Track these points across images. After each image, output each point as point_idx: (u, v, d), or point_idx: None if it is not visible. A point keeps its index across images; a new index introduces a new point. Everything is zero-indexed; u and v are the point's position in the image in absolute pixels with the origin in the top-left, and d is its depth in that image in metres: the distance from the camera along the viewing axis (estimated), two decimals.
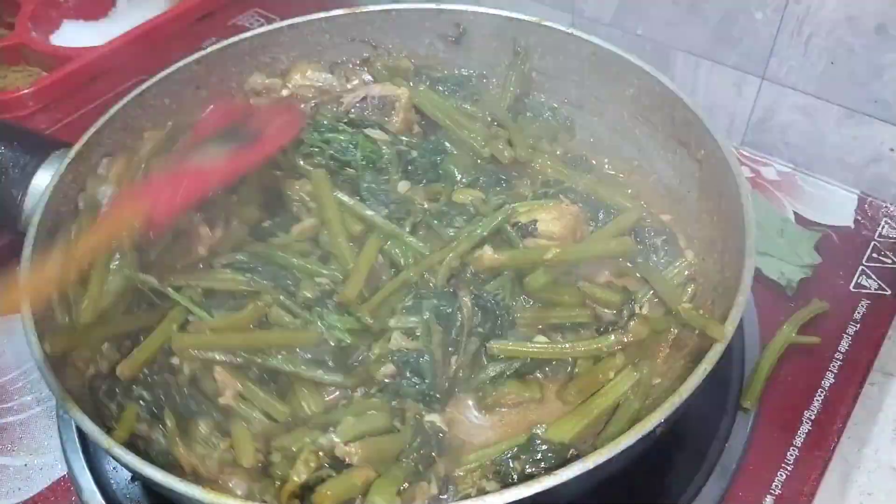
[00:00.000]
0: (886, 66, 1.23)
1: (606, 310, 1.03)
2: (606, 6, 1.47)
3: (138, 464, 0.77)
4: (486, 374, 0.97)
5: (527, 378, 0.99)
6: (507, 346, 0.97)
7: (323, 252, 1.06)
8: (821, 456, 1.03)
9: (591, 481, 0.78)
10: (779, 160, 1.42)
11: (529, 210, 1.07)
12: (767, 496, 0.99)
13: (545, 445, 0.88)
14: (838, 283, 1.21)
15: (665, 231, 1.10)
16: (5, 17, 1.72)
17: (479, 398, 0.97)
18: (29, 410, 1.11)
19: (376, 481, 0.83)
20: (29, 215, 1.03)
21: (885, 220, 1.31)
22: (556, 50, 1.24)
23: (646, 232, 1.10)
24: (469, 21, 1.26)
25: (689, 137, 1.11)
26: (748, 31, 1.33)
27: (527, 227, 1.05)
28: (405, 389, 0.93)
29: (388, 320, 0.97)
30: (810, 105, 1.34)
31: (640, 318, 0.97)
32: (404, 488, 0.84)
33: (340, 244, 1.03)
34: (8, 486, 1.03)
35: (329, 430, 0.87)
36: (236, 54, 1.24)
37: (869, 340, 1.14)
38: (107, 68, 1.58)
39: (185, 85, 1.19)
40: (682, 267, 1.06)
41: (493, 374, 0.97)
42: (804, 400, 1.08)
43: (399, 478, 0.85)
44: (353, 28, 1.29)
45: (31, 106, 1.52)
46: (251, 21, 1.75)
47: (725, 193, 1.02)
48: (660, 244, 1.08)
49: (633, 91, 1.18)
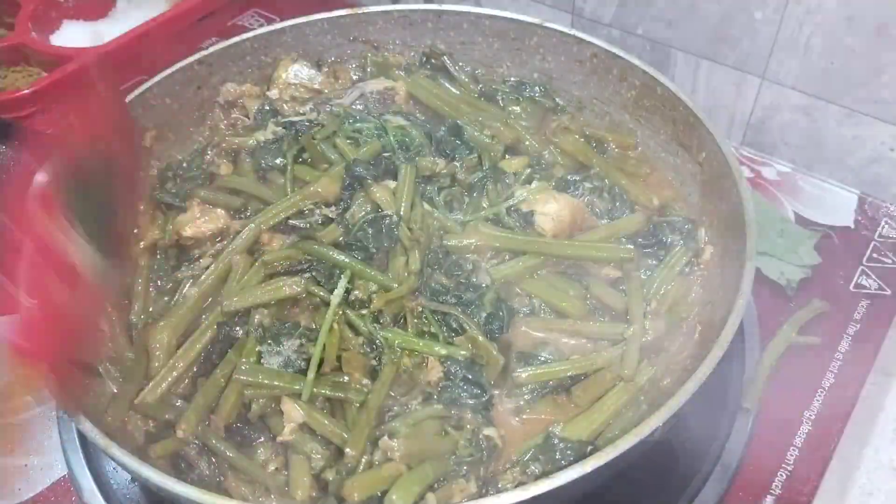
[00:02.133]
0: (886, 66, 1.23)
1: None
2: (606, 6, 1.47)
3: (136, 465, 0.78)
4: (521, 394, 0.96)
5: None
6: (533, 371, 0.95)
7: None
8: (821, 456, 1.03)
9: (591, 483, 0.78)
10: (779, 160, 1.42)
11: (530, 198, 1.06)
12: (767, 496, 0.99)
13: (563, 444, 0.87)
14: (838, 283, 1.21)
15: (685, 226, 1.08)
16: (5, 17, 1.72)
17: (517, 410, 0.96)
18: (29, 410, 1.11)
19: (400, 479, 0.82)
20: None
21: (885, 220, 1.31)
22: (557, 51, 1.24)
23: (667, 225, 1.08)
24: (470, 22, 1.27)
25: (690, 140, 1.11)
26: (748, 30, 1.33)
27: (526, 215, 1.05)
28: (462, 400, 0.91)
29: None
30: (810, 105, 1.34)
31: (654, 314, 0.97)
32: (439, 485, 0.83)
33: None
34: (8, 487, 1.03)
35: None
36: (237, 54, 1.24)
37: (869, 340, 1.14)
38: (107, 68, 1.58)
39: (185, 85, 1.20)
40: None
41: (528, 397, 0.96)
42: (804, 400, 1.08)
43: (428, 475, 0.83)
44: (355, 28, 1.29)
45: (31, 106, 1.51)
46: (251, 21, 1.75)
47: (726, 197, 1.02)
48: (679, 238, 1.06)
49: (635, 93, 1.18)
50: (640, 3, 1.42)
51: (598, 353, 0.97)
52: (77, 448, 1.03)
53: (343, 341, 0.94)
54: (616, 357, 0.95)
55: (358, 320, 0.94)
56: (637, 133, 1.20)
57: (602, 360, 0.95)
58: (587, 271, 1.05)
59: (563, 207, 1.06)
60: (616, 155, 1.20)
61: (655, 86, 1.14)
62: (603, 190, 1.12)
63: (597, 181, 1.13)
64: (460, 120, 1.17)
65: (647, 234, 1.08)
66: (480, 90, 1.26)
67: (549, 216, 1.05)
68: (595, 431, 0.89)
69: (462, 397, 0.91)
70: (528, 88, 1.25)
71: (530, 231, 1.05)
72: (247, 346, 0.93)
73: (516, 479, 0.86)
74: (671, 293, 1.01)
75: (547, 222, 1.05)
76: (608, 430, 0.90)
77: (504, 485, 0.86)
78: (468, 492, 0.84)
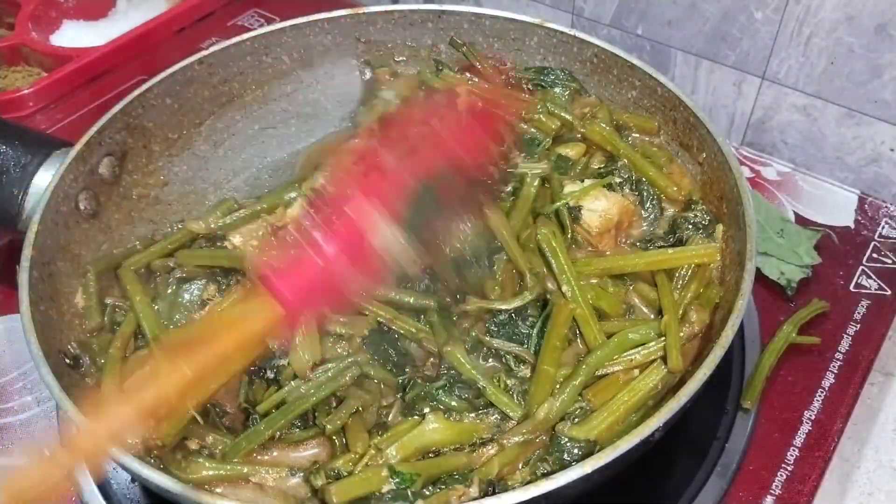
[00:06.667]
0: (886, 66, 1.23)
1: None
2: (606, 6, 1.47)
3: (136, 465, 0.77)
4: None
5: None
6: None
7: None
8: (821, 456, 1.03)
9: (591, 484, 0.78)
10: (779, 160, 1.42)
11: (578, 193, 1.05)
12: (767, 496, 0.99)
13: (571, 443, 0.87)
14: (838, 283, 1.21)
15: (706, 218, 1.06)
16: (5, 17, 1.72)
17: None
18: (29, 410, 1.11)
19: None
20: (29, 215, 1.03)
21: (885, 220, 1.31)
22: (557, 52, 1.24)
23: (684, 220, 1.06)
24: (470, 22, 1.27)
25: (690, 140, 1.11)
26: (748, 30, 1.33)
27: (573, 210, 1.04)
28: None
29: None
30: (810, 105, 1.34)
31: (696, 306, 0.96)
32: (438, 490, 0.83)
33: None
34: None
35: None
36: (237, 54, 1.24)
37: (869, 340, 1.14)
38: (107, 68, 1.58)
39: (186, 85, 1.19)
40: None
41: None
42: (804, 400, 1.08)
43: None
44: (355, 29, 1.29)
45: (31, 106, 1.52)
46: (251, 21, 1.75)
47: (727, 197, 1.02)
48: (698, 233, 1.04)
49: (636, 93, 1.18)
50: (640, 3, 1.42)
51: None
52: None
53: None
54: (656, 350, 0.93)
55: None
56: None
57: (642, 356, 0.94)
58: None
59: (612, 206, 1.04)
60: (639, 143, 1.17)
61: (656, 86, 1.14)
62: (631, 182, 1.10)
63: (624, 172, 1.10)
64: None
65: (667, 230, 1.07)
66: (504, 81, 1.24)
67: (597, 213, 1.03)
68: (604, 431, 0.88)
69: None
70: (551, 73, 1.23)
71: (577, 227, 1.04)
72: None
73: (525, 479, 0.86)
74: (693, 286, 0.99)
75: (594, 219, 1.03)
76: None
77: (513, 484, 0.85)
78: (468, 496, 0.83)
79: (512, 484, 0.85)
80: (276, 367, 0.93)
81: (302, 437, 0.91)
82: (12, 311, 1.17)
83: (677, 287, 0.99)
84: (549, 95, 1.20)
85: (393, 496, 0.81)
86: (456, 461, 0.86)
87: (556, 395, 0.90)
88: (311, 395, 0.90)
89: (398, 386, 0.93)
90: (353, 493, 0.81)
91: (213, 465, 0.87)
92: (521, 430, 0.88)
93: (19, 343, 1.15)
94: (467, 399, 0.91)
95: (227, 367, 0.79)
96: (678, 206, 1.10)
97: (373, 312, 0.94)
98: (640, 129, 1.18)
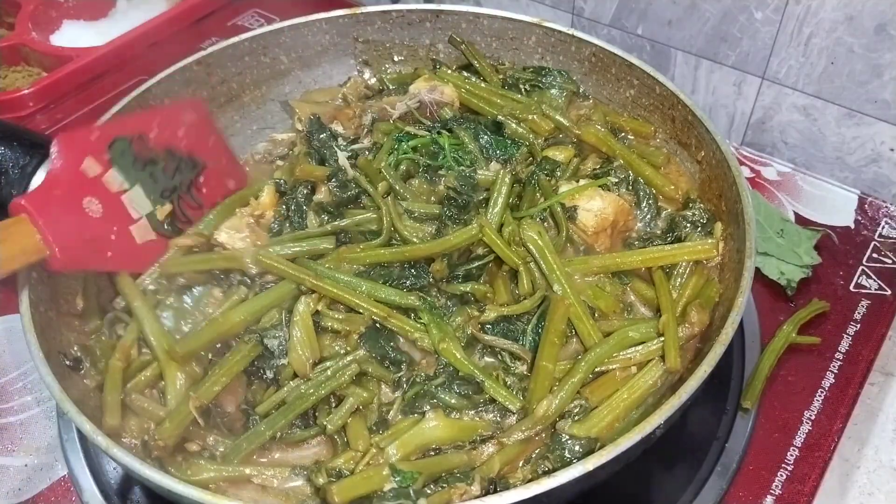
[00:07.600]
0: (886, 66, 1.23)
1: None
2: (606, 6, 1.47)
3: (136, 464, 0.78)
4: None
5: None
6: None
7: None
8: (821, 456, 1.03)
9: (591, 483, 0.78)
10: (779, 160, 1.42)
11: (574, 193, 1.05)
12: (767, 496, 0.99)
13: (572, 441, 0.87)
14: (838, 283, 1.21)
15: (704, 216, 1.06)
16: (5, 17, 1.72)
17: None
18: (29, 410, 1.11)
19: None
20: None
21: (885, 220, 1.31)
22: (555, 51, 1.24)
23: (682, 219, 1.06)
24: (469, 22, 1.27)
25: (689, 138, 1.11)
26: (748, 30, 1.33)
27: (569, 210, 1.04)
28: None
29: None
30: (810, 105, 1.34)
31: (697, 307, 0.96)
32: (440, 489, 0.83)
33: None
34: (8, 486, 1.03)
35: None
36: (236, 55, 1.24)
37: (869, 340, 1.14)
38: (107, 68, 1.58)
39: (185, 85, 1.20)
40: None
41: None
42: (804, 400, 1.08)
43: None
44: (354, 29, 1.29)
45: (31, 106, 1.52)
46: (251, 21, 1.75)
47: (725, 195, 1.02)
48: (696, 230, 1.05)
49: (634, 92, 1.18)
50: (640, 3, 1.42)
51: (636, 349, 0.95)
52: (77, 448, 1.03)
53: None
54: (656, 349, 0.93)
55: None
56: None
57: (641, 355, 0.94)
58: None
59: (607, 205, 1.05)
60: (635, 144, 1.17)
61: (654, 85, 1.15)
62: (627, 182, 1.10)
63: (621, 173, 1.10)
64: (499, 116, 1.14)
65: (665, 229, 1.07)
66: (502, 81, 1.24)
67: (592, 212, 1.04)
68: (605, 429, 0.88)
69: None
70: (549, 75, 1.23)
71: (572, 227, 1.04)
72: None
73: (526, 477, 0.86)
74: (691, 284, 0.99)
75: (589, 218, 1.04)
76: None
77: (514, 482, 0.85)
78: (470, 494, 0.83)
79: (513, 482, 0.85)
80: (276, 367, 0.93)
81: (303, 436, 0.91)
82: (12, 311, 1.18)
83: (675, 286, 0.99)
84: (545, 97, 1.21)
85: (395, 494, 0.82)
86: (456, 459, 0.86)
87: (555, 391, 0.90)
88: (310, 394, 0.90)
89: (397, 383, 0.93)
90: (354, 492, 0.82)
91: (215, 466, 0.87)
92: (521, 427, 0.88)
93: (19, 343, 1.15)
94: (466, 396, 0.91)
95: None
96: (675, 205, 1.11)
97: (366, 310, 0.94)
98: (635, 132, 1.19)
